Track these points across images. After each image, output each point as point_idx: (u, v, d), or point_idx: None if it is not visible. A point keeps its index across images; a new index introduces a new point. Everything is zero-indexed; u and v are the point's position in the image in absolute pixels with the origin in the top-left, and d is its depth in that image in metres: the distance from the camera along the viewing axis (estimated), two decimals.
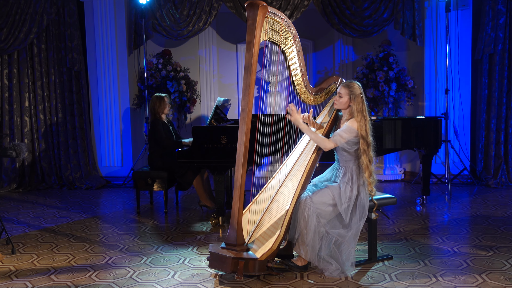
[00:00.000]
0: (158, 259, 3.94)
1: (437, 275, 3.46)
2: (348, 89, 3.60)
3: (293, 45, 3.62)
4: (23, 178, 7.10)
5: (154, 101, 5.42)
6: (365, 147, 3.52)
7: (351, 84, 3.63)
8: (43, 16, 6.93)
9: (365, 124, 3.54)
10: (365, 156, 3.53)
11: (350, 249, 3.53)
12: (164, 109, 5.42)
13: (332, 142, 3.59)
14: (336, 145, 3.59)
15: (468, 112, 6.93)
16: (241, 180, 3.36)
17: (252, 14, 3.27)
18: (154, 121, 5.35)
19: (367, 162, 3.53)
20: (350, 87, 3.61)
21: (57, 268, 3.77)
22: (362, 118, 3.54)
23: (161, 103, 5.40)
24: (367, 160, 3.53)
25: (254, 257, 3.33)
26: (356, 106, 3.56)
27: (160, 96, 5.43)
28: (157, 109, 5.39)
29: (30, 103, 7.16)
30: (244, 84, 3.34)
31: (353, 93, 3.58)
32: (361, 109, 3.56)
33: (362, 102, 3.58)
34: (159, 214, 5.46)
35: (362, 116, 3.55)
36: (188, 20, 7.00)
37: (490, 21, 6.59)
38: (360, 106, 3.56)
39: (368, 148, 3.54)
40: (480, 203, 5.62)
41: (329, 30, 7.42)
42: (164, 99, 5.42)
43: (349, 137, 3.54)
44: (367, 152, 3.53)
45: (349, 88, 3.61)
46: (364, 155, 3.53)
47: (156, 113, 5.40)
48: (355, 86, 3.61)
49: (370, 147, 3.55)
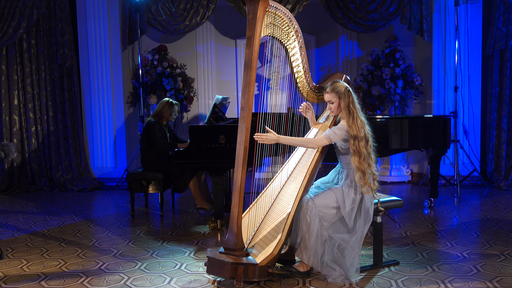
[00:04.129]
0: (154, 264, 3.94)
1: (445, 281, 3.46)
2: (333, 92, 3.60)
3: (295, 41, 3.62)
4: (12, 179, 7.11)
5: (163, 106, 5.49)
6: (357, 145, 3.45)
7: (333, 85, 3.62)
8: (33, 10, 6.93)
9: (352, 122, 3.47)
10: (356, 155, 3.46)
11: (354, 254, 3.54)
12: (170, 116, 5.52)
13: (326, 138, 3.57)
14: (330, 141, 3.58)
15: (478, 111, 6.93)
16: (240, 182, 3.36)
17: (253, 8, 3.27)
18: (153, 123, 5.36)
19: (357, 163, 3.46)
20: (334, 89, 3.60)
21: (47, 274, 3.77)
22: (348, 113, 3.50)
23: (170, 110, 5.50)
24: (357, 160, 3.45)
25: (254, 262, 3.34)
26: (343, 102, 3.55)
27: (172, 103, 5.52)
28: (163, 114, 5.47)
29: (19, 101, 7.16)
30: (244, 81, 3.34)
31: (338, 92, 3.58)
32: (347, 103, 3.52)
33: (349, 96, 3.54)
34: (155, 218, 5.46)
35: (348, 112, 3.51)
36: (184, 14, 7.01)
37: (501, 15, 6.60)
38: (347, 100, 3.53)
39: (361, 145, 3.45)
40: (490, 206, 5.63)
41: (333, 24, 7.43)
42: (174, 107, 5.52)
43: (341, 133, 3.53)
44: (359, 149, 3.45)
45: (333, 91, 3.60)
46: (355, 155, 3.47)
47: (160, 117, 5.47)
48: (338, 85, 3.60)
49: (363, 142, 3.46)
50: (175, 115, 5.57)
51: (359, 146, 3.47)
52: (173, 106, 5.51)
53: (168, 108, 5.48)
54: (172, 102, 5.52)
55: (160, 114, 5.47)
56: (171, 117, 5.53)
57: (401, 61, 6.76)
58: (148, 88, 7.10)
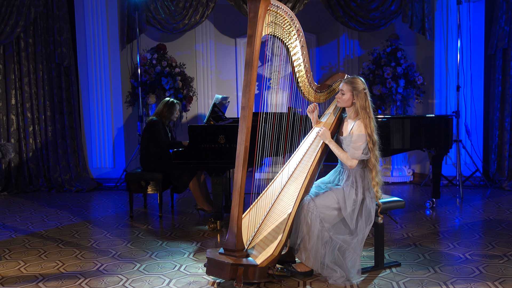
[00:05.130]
0: (152, 266, 3.94)
1: (447, 283, 3.46)
2: (350, 85, 3.61)
3: (296, 40, 3.62)
4: (9, 180, 7.10)
5: (164, 105, 5.51)
6: (371, 146, 3.54)
7: (354, 79, 3.63)
8: (30, 9, 6.92)
9: (369, 122, 3.55)
10: (372, 155, 3.54)
11: (355, 256, 3.54)
12: (172, 115, 5.53)
13: (354, 159, 3.56)
14: (358, 160, 3.56)
15: (481, 110, 6.93)
16: (240, 182, 3.36)
17: (254, 6, 3.27)
18: (156, 121, 5.37)
19: (374, 162, 3.54)
20: (353, 82, 3.61)
21: (45, 276, 3.76)
22: (366, 116, 3.55)
23: (172, 110, 5.50)
24: (374, 159, 3.54)
25: (254, 263, 3.33)
26: (360, 102, 3.57)
27: (173, 102, 5.53)
28: (165, 113, 5.48)
29: (16, 100, 7.15)
30: (245, 81, 3.33)
31: (355, 89, 3.59)
32: (365, 105, 3.57)
33: (366, 98, 3.58)
34: (154, 218, 5.46)
35: (366, 113, 3.56)
36: (184, 12, 7.00)
37: (504, 14, 6.60)
38: (364, 102, 3.57)
39: (374, 147, 3.55)
40: (493, 207, 5.63)
41: (334, 23, 7.42)
42: (175, 106, 5.53)
43: (363, 145, 3.54)
44: (373, 150, 3.55)
45: (351, 84, 3.61)
46: (371, 154, 3.54)
47: (162, 117, 5.49)
48: (358, 82, 3.61)
49: (376, 145, 3.57)
50: (176, 114, 5.57)
51: (374, 148, 3.54)
52: (174, 106, 5.52)
53: (169, 108, 5.49)
54: (173, 102, 5.53)
55: (161, 113, 5.48)
56: (172, 116, 5.53)
57: (402, 60, 6.76)
58: (147, 87, 7.09)
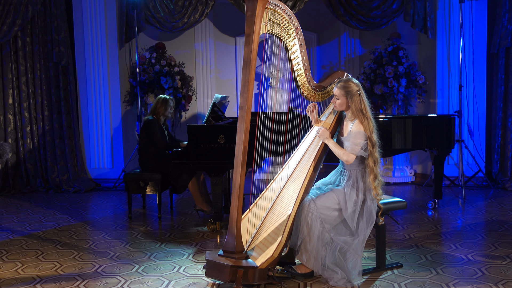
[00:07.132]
0: (151, 267, 3.94)
1: (450, 284, 3.46)
2: (343, 90, 3.61)
3: (295, 38, 3.62)
4: (7, 180, 7.11)
5: (157, 102, 5.55)
6: (371, 148, 3.54)
7: (346, 83, 3.63)
8: (28, 7, 6.93)
9: (368, 123, 3.55)
10: (371, 157, 3.54)
11: (356, 257, 3.54)
12: (166, 111, 5.55)
13: (352, 154, 3.57)
14: (356, 156, 3.57)
15: (483, 110, 6.93)
16: (240, 183, 3.36)
17: (251, 5, 3.28)
18: (151, 120, 5.39)
19: (372, 165, 3.53)
20: (345, 87, 3.62)
21: (43, 277, 3.77)
22: (364, 117, 3.55)
23: (165, 106, 5.53)
24: (372, 162, 3.53)
25: (254, 265, 3.34)
26: (355, 105, 3.58)
27: (165, 99, 5.56)
28: (158, 109, 5.52)
29: (14, 100, 7.16)
30: (243, 80, 3.34)
31: (349, 93, 3.59)
32: (360, 107, 3.57)
33: (361, 100, 3.59)
34: (152, 219, 5.46)
35: (363, 114, 3.56)
36: (183, 11, 7.01)
37: (507, 12, 6.60)
38: (359, 104, 3.58)
39: (374, 149, 3.55)
40: (496, 208, 5.63)
41: (335, 22, 7.42)
42: (168, 102, 5.56)
43: (363, 143, 3.55)
44: (373, 153, 3.54)
45: (344, 89, 3.61)
46: (369, 156, 3.54)
47: (156, 114, 5.52)
48: (351, 85, 3.61)
49: (375, 147, 3.57)
50: (170, 110, 5.59)
51: (373, 150, 3.53)
52: (167, 102, 5.54)
53: (162, 104, 5.52)
54: (166, 98, 5.57)
55: (155, 110, 5.53)
56: (167, 112, 5.56)
57: (404, 59, 6.76)
58: (146, 86, 7.09)
